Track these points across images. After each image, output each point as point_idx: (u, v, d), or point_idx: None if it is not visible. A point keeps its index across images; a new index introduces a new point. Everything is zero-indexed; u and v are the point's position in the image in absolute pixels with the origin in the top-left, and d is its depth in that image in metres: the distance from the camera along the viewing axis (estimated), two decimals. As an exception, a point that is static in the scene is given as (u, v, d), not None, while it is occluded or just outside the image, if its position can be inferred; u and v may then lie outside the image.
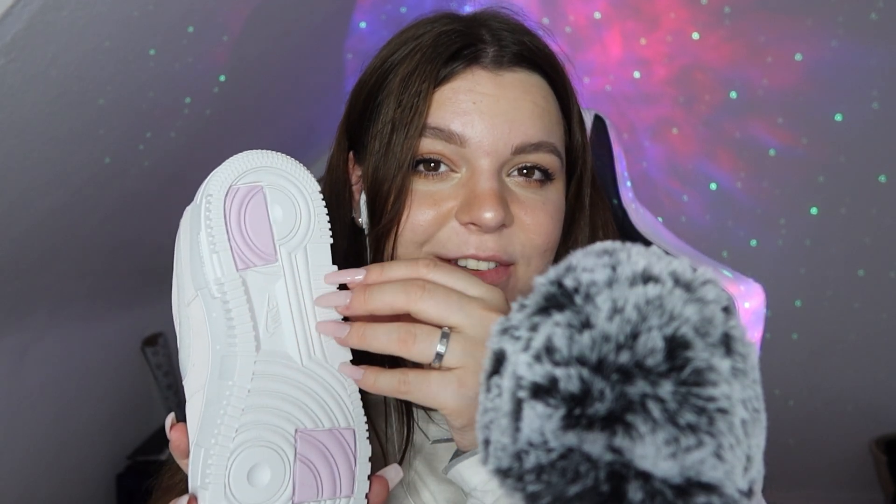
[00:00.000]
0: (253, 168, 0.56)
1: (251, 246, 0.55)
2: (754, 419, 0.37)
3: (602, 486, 0.35)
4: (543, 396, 0.36)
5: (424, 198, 0.67)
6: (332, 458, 0.55)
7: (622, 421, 0.35)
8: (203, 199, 0.54)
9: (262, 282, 0.55)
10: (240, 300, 0.53)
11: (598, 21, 2.64)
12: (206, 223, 0.53)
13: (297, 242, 0.57)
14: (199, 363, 0.55)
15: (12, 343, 1.86)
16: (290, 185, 0.57)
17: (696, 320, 0.36)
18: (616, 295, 0.37)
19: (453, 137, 0.66)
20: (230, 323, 0.53)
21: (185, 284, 0.56)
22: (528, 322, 0.39)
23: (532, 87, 0.70)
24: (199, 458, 0.52)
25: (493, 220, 0.64)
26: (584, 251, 0.41)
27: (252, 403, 0.52)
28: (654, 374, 0.35)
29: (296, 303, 0.56)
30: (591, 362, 0.36)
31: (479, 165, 0.67)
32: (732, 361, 0.36)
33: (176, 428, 0.56)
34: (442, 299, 0.53)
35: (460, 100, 0.67)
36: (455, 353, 0.53)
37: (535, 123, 0.68)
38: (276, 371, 0.54)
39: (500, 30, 0.71)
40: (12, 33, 1.12)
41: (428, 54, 0.68)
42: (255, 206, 0.55)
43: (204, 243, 0.53)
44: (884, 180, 2.60)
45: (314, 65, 2.23)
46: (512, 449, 0.37)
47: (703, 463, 0.35)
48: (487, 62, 0.69)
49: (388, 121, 0.68)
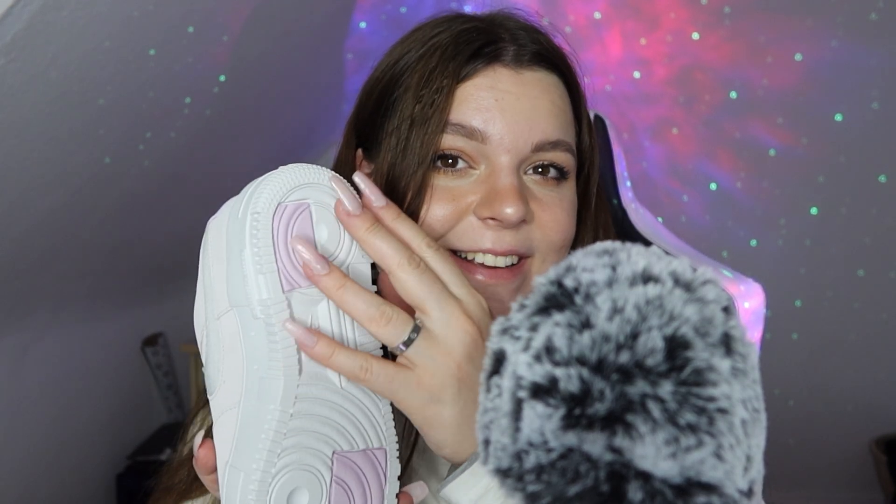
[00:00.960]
0: (300, 185, 0.54)
1: (297, 267, 0.53)
2: (754, 419, 0.37)
3: (602, 486, 0.35)
4: (543, 396, 0.36)
5: (443, 193, 0.68)
6: (365, 477, 0.55)
7: (622, 421, 0.35)
8: (249, 215, 0.52)
9: (306, 303, 0.54)
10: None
11: (598, 21, 2.64)
12: (253, 241, 0.52)
13: (340, 262, 0.56)
14: (232, 381, 0.54)
15: (12, 343, 1.86)
16: (333, 201, 0.56)
17: (696, 320, 0.36)
18: (616, 295, 0.37)
19: (475, 134, 0.67)
20: (273, 346, 0.52)
21: (216, 297, 0.55)
22: (528, 322, 0.39)
23: (550, 87, 0.71)
24: (237, 481, 0.51)
25: (515, 215, 0.64)
26: (584, 251, 0.41)
27: (294, 427, 0.52)
28: (654, 374, 0.35)
29: (336, 324, 0.55)
30: (591, 362, 0.36)
31: (500, 162, 0.67)
32: (732, 361, 0.36)
33: (205, 445, 0.56)
34: (427, 283, 0.54)
35: (482, 97, 0.68)
36: (418, 350, 0.53)
37: (553, 122, 0.69)
38: (316, 394, 0.54)
39: (517, 29, 0.72)
40: (12, 33, 1.12)
41: (449, 52, 0.69)
42: (301, 225, 0.54)
43: (249, 262, 0.52)
44: (884, 180, 2.60)
45: (314, 65, 2.23)
46: (512, 449, 0.37)
47: (703, 463, 0.35)
48: (508, 60, 0.70)
49: (407, 117, 0.68)
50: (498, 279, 0.68)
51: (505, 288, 0.68)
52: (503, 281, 0.68)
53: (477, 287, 0.67)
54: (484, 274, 0.68)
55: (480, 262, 0.68)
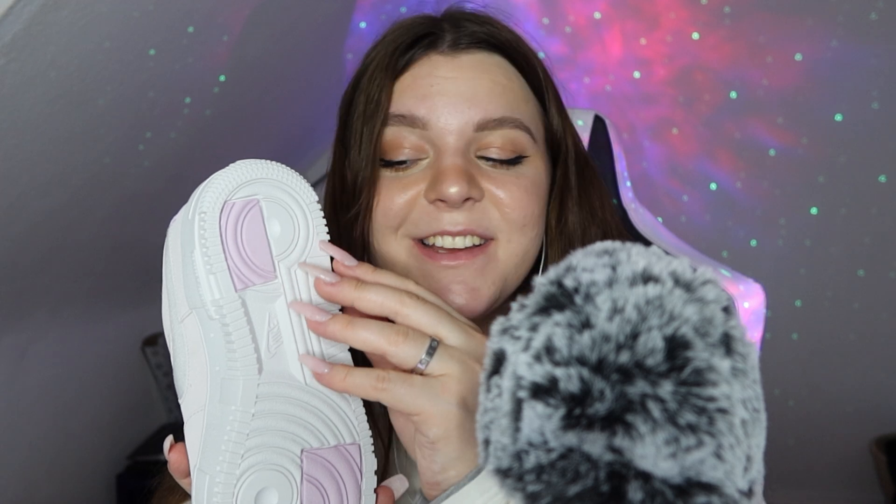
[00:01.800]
0: (248, 181, 0.53)
1: (249, 264, 0.53)
2: (754, 419, 0.37)
3: (602, 486, 0.35)
4: (543, 396, 0.36)
5: (394, 183, 0.70)
6: (339, 474, 0.54)
7: (622, 421, 0.35)
8: (196, 215, 0.52)
9: (262, 300, 0.53)
10: (239, 322, 0.51)
11: (598, 21, 2.64)
12: (201, 242, 0.51)
13: (297, 257, 0.55)
14: (197, 383, 0.53)
15: (12, 343, 1.86)
16: (286, 197, 0.55)
17: (696, 320, 0.36)
18: (616, 295, 0.37)
19: (416, 121, 0.69)
20: (230, 346, 0.51)
21: (177, 301, 0.54)
22: (528, 322, 0.39)
23: (491, 66, 0.72)
24: (203, 484, 0.51)
25: (457, 193, 0.66)
26: (584, 251, 0.41)
27: (257, 427, 0.51)
28: (654, 374, 0.35)
29: (297, 320, 0.54)
30: (591, 362, 0.36)
31: (444, 145, 0.69)
32: (732, 361, 0.36)
33: (175, 449, 0.55)
34: (433, 310, 0.53)
35: (419, 85, 0.70)
36: (442, 359, 0.51)
37: (495, 100, 0.70)
38: (279, 392, 0.53)
39: (462, 19, 0.74)
40: (12, 33, 1.12)
41: (389, 48, 0.72)
42: (251, 222, 0.53)
43: (199, 263, 0.51)
44: (884, 180, 2.60)
45: (314, 65, 2.23)
46: (512, 449, 0.37)
47: (703, 463, 0.35)
48: (444, 47, 0.71)
49: (360, 115, 0.71)
50: (458, 260, 0.68)
51: (468, 269, 0.69)
52: (465, 261, 0.68)
53: (442, 274, 0.69)
54: (446, 259, 0.68)
55: (440, 246, 0.69)
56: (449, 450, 0.52)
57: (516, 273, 0.72)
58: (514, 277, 0.72)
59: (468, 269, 0.68)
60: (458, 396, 0.51)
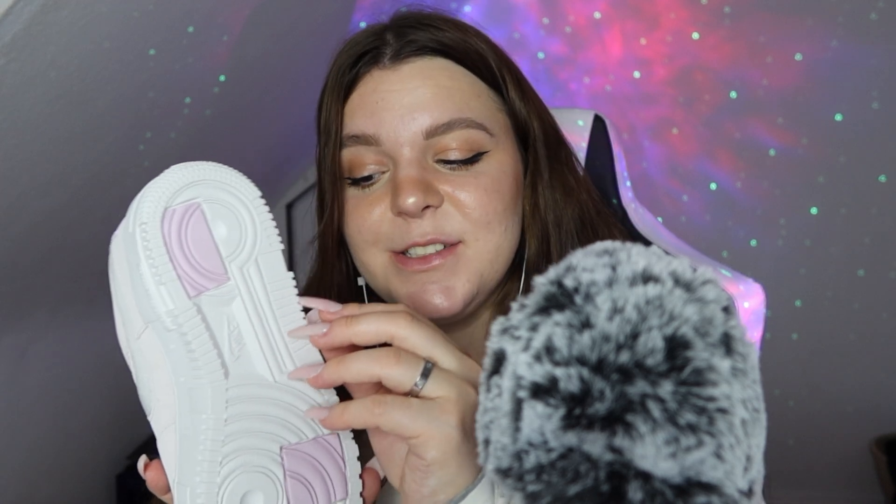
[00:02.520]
0: (186, 184, 0.52)
1: (199, 270, 0.51)
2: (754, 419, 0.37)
3: (602, 485, 0.35)
4: (543, 396, 0.36)
5: (361, 201, 0.72)
6: (321, 466, 0.54)
7: (622, 421, 0.35)
8: (137, 227, 0.50)
9: (218, 305, 0.52)
10: (198, 329, 0.50)
11: (598, 21, 2.64)
12: (146, 254, 0.49)
13: (247, 256, 0.53)
14: (164, 398, 0.52)
15: (12, 343, 1.86)
16: (228, 196, 0.53)
17: (696, 320, 0.36)
18: (616, 295, 0.37)
19: (369, 140, 0.70)
20: (192, 355, 0.50)
21: (130, 317, 0.53)
22: (528, 322, 0.39)
23: (433, 71, 0.72)
24: (185, 497, 0.50)
25: (414, 204, 0.67)
26: (584, 251, 0.41)
27: (231, 432, 0.50)
28: (654, 373, 0.35)
29: (257, 319, 0.53)
30: (591, 362, 0.36)
31: (399, 157, 0.70)
32: (732, 361, 0.36)
33: (150, 467, 0.54)
34: (428, 332, 0.52)
35: (366, 103, 0.72)
36: (438, 382, 0.51)
37: (441, 104, 0.70)
38: (249, 393, 0.52)
39: (405, 27, 0.74)
40: (12, 33, 1.12)
41: (335, 71, 0.74)
42: (195, 226, 0.51)
43: (148, 276, 0.49)
44: (884, 180, 2.60)
45: (314, 65, 2.23)
46: (512, 449, 0.37)
47: (703, 463, 0.35)
48: (385, 61, 0.72)
49: (319, 140, 0.74)
50: (429, 264, 0.70)
51: (439, 270, 0.70)
52: (436, 264, 0.70)
53: (416, 277, 0.70)
54: (418, 264, 0.70)
55: (412, 255, 0.70)
56: (443, 473, 0.51)
57: (492, 268, 0.72)
58: (490, 272, 0.72)
59: (439, 271, 0.70)
60: (456, 418, 0.50)
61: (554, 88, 2.73)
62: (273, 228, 0.55)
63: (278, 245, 0.55)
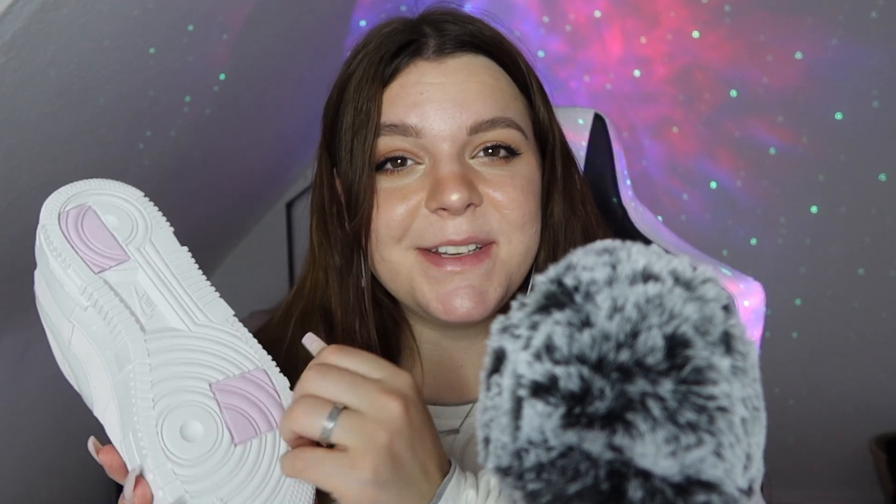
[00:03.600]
0: (73, 195, 0.60)
1: (100, 252, 0.58)
2: (754, 418, 0.37)
3: (602, 484, 0.35)
4: (543, 395, 0.36)
5: (392, 194, 0.70)
6: (255, 397, 0.56)
7: (622, 419, 0.35)
8: (39, 234, 0.57)
9: (123, 278, 0.58)
10: (108, 296, 0.56)
11: (598, 19, 2.64)
12: (50, 249, 0.56)
13: (142, 238, 0.60)
14: (100, 380, 0.56)
15: (12, 343, 1.86)
16: (112, 199, 0.61)
17: (696, 319, 0.36)
18: (616, 293, 0.37)
19: (409, 130, 0.69)
20: (108, 320, 0.55)
21: (59, 328, 0.58)
22: (529, 320, 0.39)
23: (478, 69, 0.72)
24: (130, 441, 0.53)
25: (459, 201, 0.66)
26: (584, 249, 0.41)
27: (159, 375, 0.54)
28: (654, 372, 0.35)
29: (162, 284, 0.58)
30: (591, 361, 0.36)
31: (439, 152, 0.69)
32: (732, 360, 0.36)
33: (103, 451, 0.56)
34: (333, 379, 0.53)
35: (409, 93, 0.70)
36: (344, 430, 0.51)
37: (485, 102, 0.70)
38: (168, 343, 0.56)
39: (443, 21, 0.74)
40: (11, 32, 1.12)
41: (374, 58, 0.71)
42: (89, 222, 0.59)
43: (56, 266, 0.56)
44: (884, 179, 2.60)
45: (314, 63, 2.23)
46: (512, 447, 0.37)
47: (703, 461, 0.35)
48: (430, 53, 0.72)
49: (349, 126, 0.72)
50: (465, 266, 0.69)
51: (474, 273, 0.69)
52: (471, 267, 0.69)
53: (449, 279, 0.68)
54: (452, 264, 0.69)
55: (444, 252, 0.69)
56: None
57: (519, 271, 0.72)
58: (517, 276, 0.72)
59: (474, 274, 0.69)
60: (369, 470, 0.50)
61: (554, 87, 2.72)
62: (159, 215, 0.62)
63: (168, 228, 0.62)
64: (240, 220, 2.64)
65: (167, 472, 0.51)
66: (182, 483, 0.51)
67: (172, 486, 0.51)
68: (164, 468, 0.51)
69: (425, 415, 0.55)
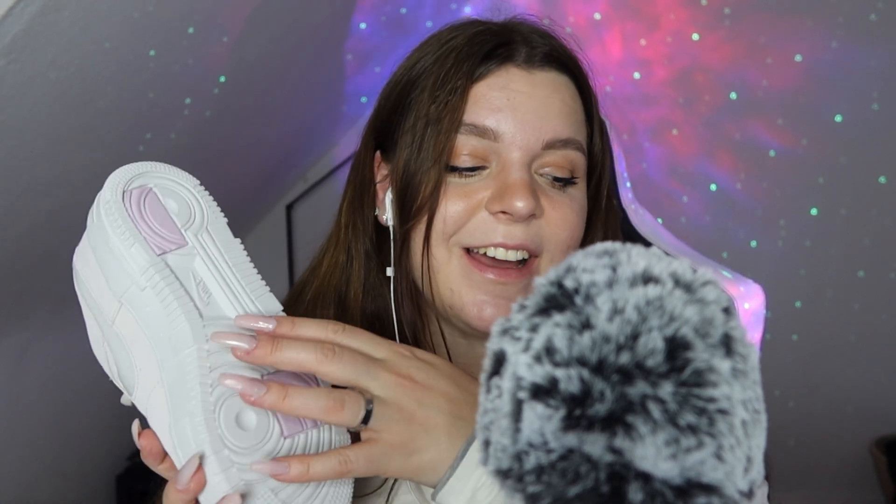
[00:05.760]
0: (136, 175, 0.60)
1: (161, 234, 0.58)
2: (755, 420, 0.37)
3: (602, 486, 0.35)
4: (543, 397, 0.36)
5: (456, 190, 0.70)
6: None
7: (622, 422, 0.35)
8: (101, 208, 0.57)
9: (182, 262, 0.58)
10: (170, 279, 0.56)
11: (598, 22, 2.64)
12: (113, 226, 0.56)
13: (199, 226, 0.60)
14: (146, 365, 0.56)
15: (12, 343, 1.86)
16: (172, 184, 0.61)
17: (696, 321, 0.36)
18: (616, 296, 0.37)
19: (487, 133, 0.69)
20: (167, 303, 0.55)
21: (104, 308, 0.58)
22: (529, 323, 0.39)
23: (561, 87, 0.72)
24: (185, 429, 0.53)
25: (525, 208, 0.66)
26: (584, 252, 0.41)
27: (215, 361, 0.54)
28: (655, 374, 0.35)
29: (218, 273, 0.59)
30: (591, 363, 0.36)
31: (511, 158, 0.69)
32: (733, 362, 0.36)
33: (144, 434, 0.55)
34: (349, 362, 0.54)
35: (494, 97, 0.70)
36: (378, 417, 0.54)
37: (564, 121, 0.71)
38: (224, 331, 0.56)
39: (530, 33, 0.74)
40: (12, 34, 1.12)
41: (464, 53, 0.71)
42: (151, 203, 0.59)
43: (117, 244, 0.56)
44: (884, 181, 2.60)
45: (314, 65, 2.23)
46: (512, 450, 0.37)
47: (704, 464, 0.35)
48: (520, 60, 0.71)
49: (423, 116, 0.71)
50: (507, 277, 0.69)
51: (514, 287, 0.69)
52: (511, 280, 0.69)
53: (488, 287, 0.69)
54: (494, 272, 0.69)
55: (492, 256, 0.69)
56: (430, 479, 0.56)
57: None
58: None
59: (514, 287, 0.69)
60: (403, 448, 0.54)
61: (554, 89, 2.72)
62: (215, 204, 0.62)
63: (223, 218, 0.62)
64: (240, 222, 2.64)
65: (225, 458, 0.52)
66: (238, 470, 0.52)
67: (230, 473, 0.51)
68: (222, 454, 0.52)
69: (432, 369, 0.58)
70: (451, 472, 0.54)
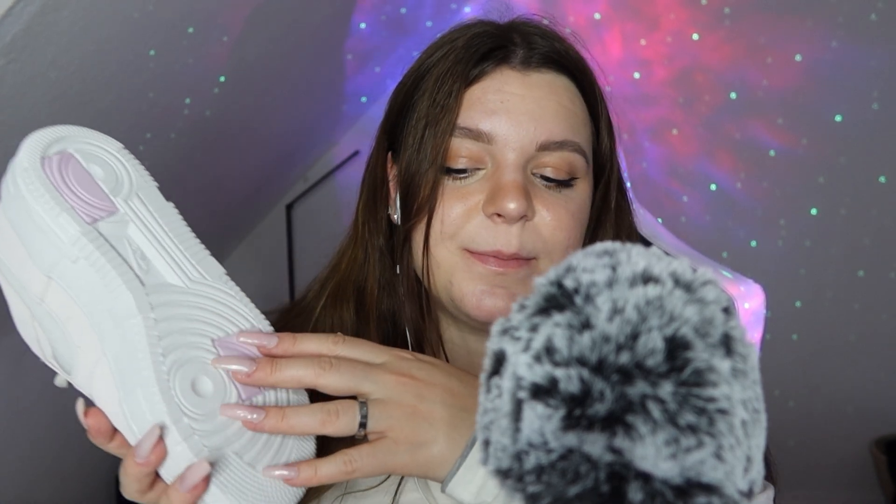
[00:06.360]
0: (54, 140, 0.55)
1: (89, 202, 0.54)
2: (754, 420, 0.37)
3: (602, 486, 0.35)
4: (543, 397, 0.36)
5: (453, 192, 0.70)
6: (255, 355, 0.56)
7: (622, 421, 0.35)
8: (18, 177, 0.52)
9: (115, 230, 0.54)
10: (105, 247, 0.53)
11: (598, 22, 2.64)
12: (35, 196, 0.52)
13: (128, 191, 0.57)
14: (86, 341, 0.53)
15: (12, 343, 1.85)
16: (94, 148, 0.57)
17: (696, 321, 0.36)
18: (616, 295, 0.37)
19: (481, 136, 0.70)
20: (105, 273, 0.52)
21: (29, 285, 0.54)
22: (528, 322, 0.39)
23: (559, 89, 0.72)
24: (138, 399, 0.51)
25: (516, 210, 0.67)
26: (584, 252, 0.41)
27: (164, 330, 0.52)
28: (655, 374, 0.35)
29: (154, 239, 0.56)
30: (591, 363, 0.36)
31: (504, 159, 0.69)
32: (733, 362, 0.36)
33: (91, 413, 0.54)
34: (347, 371, 0.55)
35: (489, 99, 0.70)
36: (376, 417, 0.54)
37: (559, 123, 0.71)
38: (167, 299, 0.54)
39: (531, 34, 0.74)
40: (12, 34, 1.12)
41: (460, 55, 0.71)
42: (74, 169, 0.55)
43: (42, 214, 0.51)
44: (884, 181, 2.60)
45: (314, 65, 2.23)
46: (512, 450, 0.37)
47: (704, 463, 0.35)
48: (516, 63, 0.72)
49: (422, 117, 0.71)
50: (507, 268, 0.70)
51: (514, 277, 0.70)
52: (511, 269, 0.70)
53: (489, 277, 0.69)
54: (495, 265, 0.70)
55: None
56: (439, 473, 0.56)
57: None
58: None
59: (513, 278, 0.70)
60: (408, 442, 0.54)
61: (554, 89, 2.72)
62: (143, 168, 0.58)
63: (153, 182, 0.58)
64: (240, 222, 2.64)
65: (185, 426, 0.50)
66: (200, 438, 0.51)
67: (192, 441, 0.50)
68: (182, 423, 0.50)
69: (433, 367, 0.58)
70: (460, 462, 0.55)
